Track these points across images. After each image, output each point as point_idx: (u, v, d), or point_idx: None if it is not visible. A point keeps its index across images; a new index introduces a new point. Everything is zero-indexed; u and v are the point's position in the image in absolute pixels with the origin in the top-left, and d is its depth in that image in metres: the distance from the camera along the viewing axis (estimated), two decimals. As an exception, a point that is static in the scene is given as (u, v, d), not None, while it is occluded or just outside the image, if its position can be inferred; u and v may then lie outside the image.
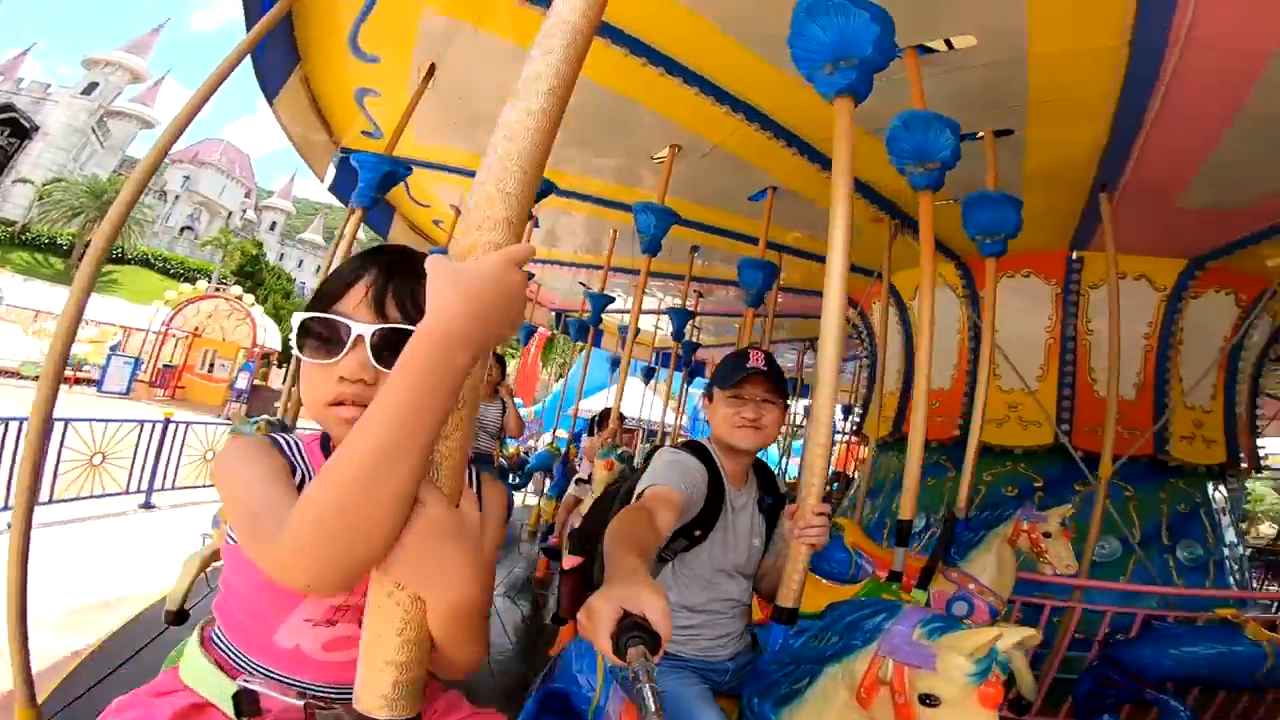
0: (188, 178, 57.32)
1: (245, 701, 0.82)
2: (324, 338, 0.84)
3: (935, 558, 2.82)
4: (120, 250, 39.19)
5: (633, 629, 0.80)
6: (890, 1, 1.74)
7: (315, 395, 0.85)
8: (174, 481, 6.69)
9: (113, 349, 18.65)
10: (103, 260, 2.14)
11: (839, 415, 12.09)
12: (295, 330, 0.85)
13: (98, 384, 17.00)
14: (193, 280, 24.38)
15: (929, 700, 1.17)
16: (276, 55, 3.59)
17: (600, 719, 1.61)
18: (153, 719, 0.82)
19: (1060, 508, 2.86)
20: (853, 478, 8.49)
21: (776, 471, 2.45)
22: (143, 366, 18.45)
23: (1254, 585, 6.53)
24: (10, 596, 1.84)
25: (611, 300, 6.38)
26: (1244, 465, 4.78)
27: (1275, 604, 5.34)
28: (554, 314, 9.86)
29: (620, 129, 3.96)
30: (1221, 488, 4.78)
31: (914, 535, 3.02)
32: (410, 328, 0.71)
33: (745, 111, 3.45)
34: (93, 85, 48.46)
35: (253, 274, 35.35)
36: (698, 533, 1.62)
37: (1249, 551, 5.76)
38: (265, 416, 2.72)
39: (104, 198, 37.25)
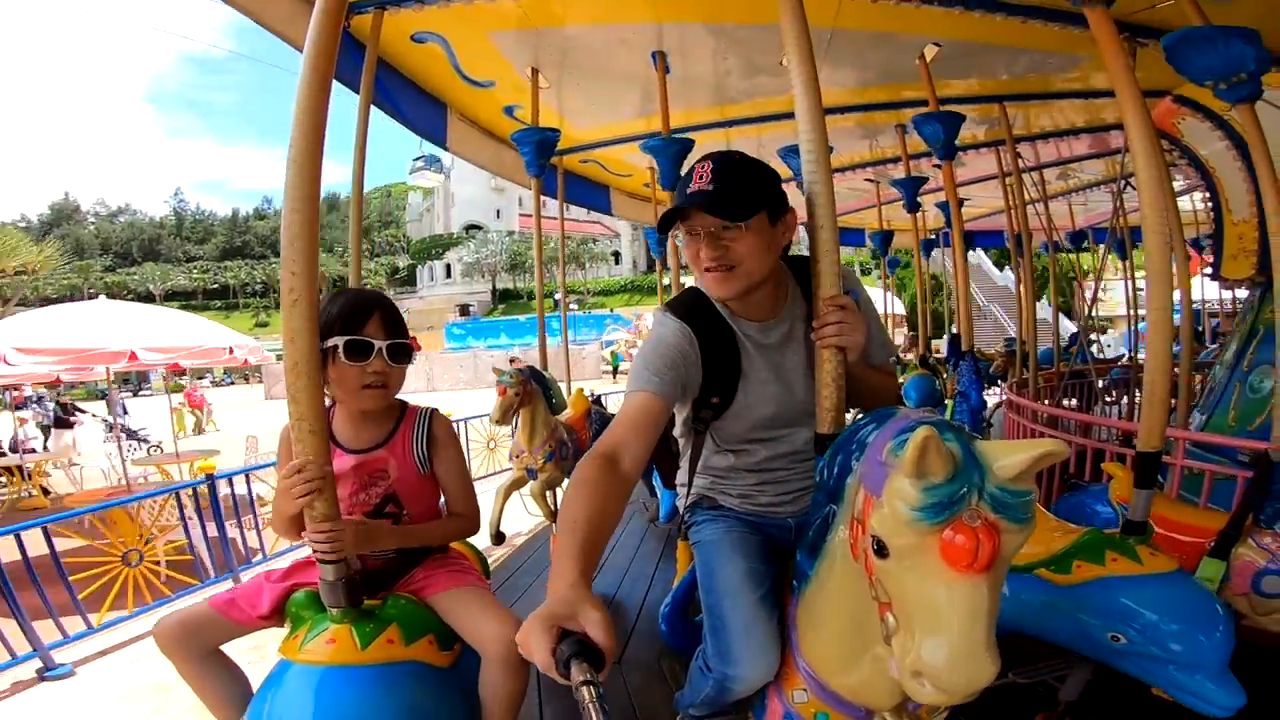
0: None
1: None
2: (358, 350, 1.36)
3: (1240, 516, 1.89)
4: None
5: (573, 647, 0.76)
6: None
7: (353, 384, 1.39)
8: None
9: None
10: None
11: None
12: (341, 346, 1.35)
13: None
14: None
15: (879, 548, 0.81)
16: (421, 109, 3.97)
17: None
18: (293, 565, 1.49)
19: None
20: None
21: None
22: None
23: None
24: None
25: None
26: None
27: None
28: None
29: (736, 54, 3.63)
30: None
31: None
32: (403, 341, 1.41)
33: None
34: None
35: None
36: (715, 399, 1.31)
37: None
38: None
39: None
